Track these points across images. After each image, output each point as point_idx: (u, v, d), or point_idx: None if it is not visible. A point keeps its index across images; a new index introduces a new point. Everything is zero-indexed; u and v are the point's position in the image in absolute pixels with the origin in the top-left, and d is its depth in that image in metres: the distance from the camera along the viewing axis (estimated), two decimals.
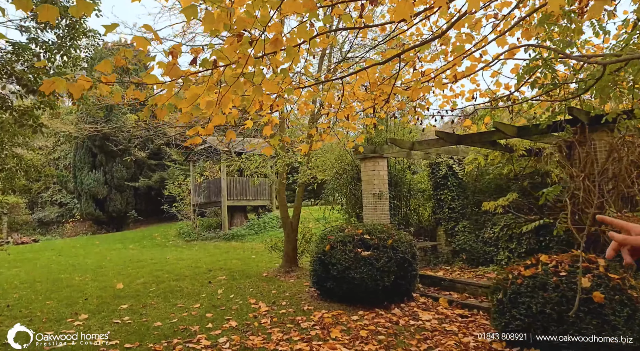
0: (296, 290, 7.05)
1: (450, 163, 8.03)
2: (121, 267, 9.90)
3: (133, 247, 14.52)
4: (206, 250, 12.52)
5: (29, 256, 12.92)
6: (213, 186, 15.72)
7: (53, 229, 23.54)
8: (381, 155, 7.31)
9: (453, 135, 5.85)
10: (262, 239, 13.66)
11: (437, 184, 8.23)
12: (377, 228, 6.34)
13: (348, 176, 8.18)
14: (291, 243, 8.43)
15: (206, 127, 3.80)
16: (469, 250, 7.43)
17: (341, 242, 6.15)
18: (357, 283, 5.78)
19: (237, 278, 8.07)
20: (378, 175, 7.34)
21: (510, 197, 6.57)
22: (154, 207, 21.87)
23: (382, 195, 7.31)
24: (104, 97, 8.45)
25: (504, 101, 5.78)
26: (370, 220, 7.31)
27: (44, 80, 2.58)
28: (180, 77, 3.04)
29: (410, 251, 6.07)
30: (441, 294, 6.19)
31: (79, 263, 10.97)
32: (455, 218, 8.00)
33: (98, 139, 21.37)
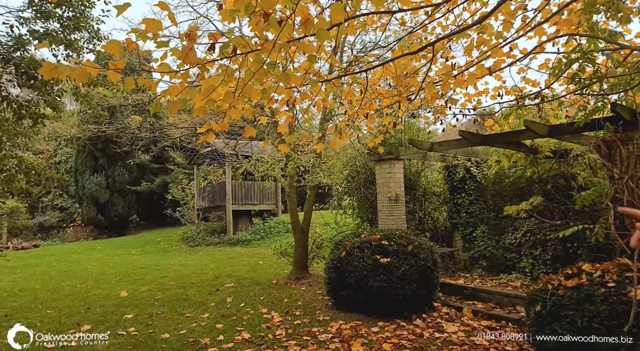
0: (309, 298, 6.71)
1: (467, 166, 7.71)
2: (124, 274, 9.56)
3: (135, 252, 14.19)
4: (211, 256, 12.18)
5: (29, 262, 12.58)
6: (217, 190, 15.41)
7: (54, 234, 23.22)
8: (397, 156, 6.99)
9: (478, 135, 5.53)
10: (268, 244, 13.33)
11: (453, 187, 7.91)
12: (396, 234, 6.02)
13: (360, 179, 7.86)
14: (301, 249, 8.09)
15: (220, 122, 3.50)
16: (489, 257, 7.09)
17: (358, 248, 5.82)
18: (376, 292, 5.45)
19: (246, 285, 7.73)
20: (394, 177, 7.02)
21: (534, 201, 6.24)
22: (156, 212, 21.52)
23: (398, 199, 6.99)
24: (108, 96, 8.17)
25: (531, 99, 5.48)
26: (385, 225, 6.98)
27: (44, 63, 2.27)
28: (197, 65, 2.75)
29: (431, 258, 5.73)
30: (464, 304, 5.85)
31: (80, 269, 10.64)
32: (473, 223, 7.66)
33: (100, 142, 21.10)
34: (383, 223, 7.05)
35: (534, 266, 6.40)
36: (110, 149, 21.28)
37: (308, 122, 7.33)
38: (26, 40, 4.20)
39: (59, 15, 4.53)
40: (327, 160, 8.28)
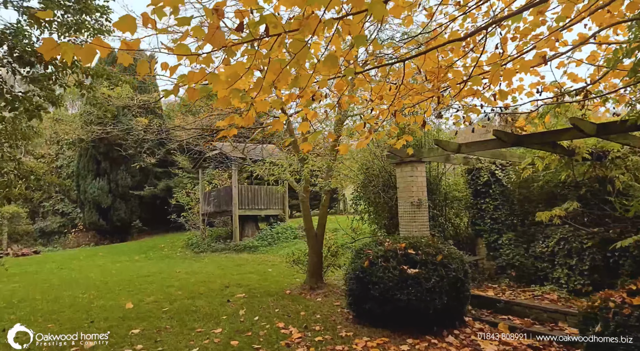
0: (327, 311, 6.27)
1: (492, 169, 7.29)
2: (128, 282, 9.13)
3: (139, 258, 13.76)
4: (217, 263, 11.74)
5: (29, 269, 12.17)
6: (223, 194, 15.00)
7: (55, 240, 22.81)
8: (420, 159, 6.58)
9: (512, 135, 5.11)
10: (276, 251, 12.89)
11: (477, 192, 7.48)
12: (422, 242, 5.59)
13: (379, 183, 7.44)
14: (316, 257, 7.66)
15: (245, 115, 3.09)
16: (518, 266, 6.65)
17: (382, 258, 5.39)
18: (404, 305, 5.01)
19: (258, 296, 7.29)
20: (416, 181, 6.60)
21: (569, 206, 5.80)
22: (160, 217, 21.11)
23: (421, 204, 6.56)
24: (113, 97, 7.78)
25: (571, 95, 5.07)
26: (407, 232, 6.55)
27: (45, 40, 1.86)
28: (222, 48, 2.34)
29: (462, 268, 5.30)
30: (498, 318, 5.40)
31: (82, 277, 10.21)
32: (498, 229, 7.23)
33: (103, 146, 20.74)
34: (405, 230, 6.62)
35: (570, 278, 5.96)
36: (113, 153, 20.92)
37: (328, 119, 6.89)
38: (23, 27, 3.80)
39: (65, 4, 4.13)
40: (342, 162, 7.86)
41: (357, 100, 4.14)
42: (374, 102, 4.24)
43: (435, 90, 4.09)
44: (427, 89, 4.17)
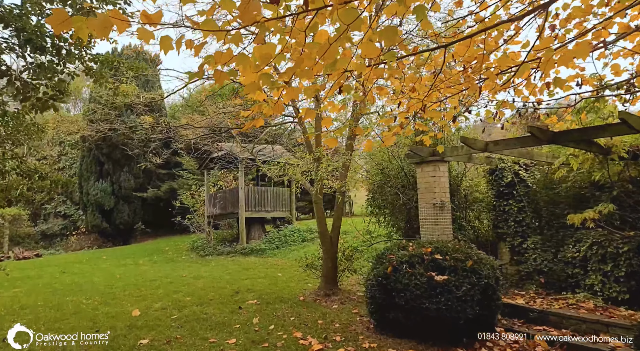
0: (346, 319, 5.93)
1: (515, 170, 6.95)
2: (134, 287, 8.80)
3: (143, 262, 13.43)
4: (224, 267, 11.40)
5: (31, 273, 11.84)
6: (229, 196, 14.67)
7: (57, 242, 22.51)
8: (442, 158, 6.24)
9: (547, 132, 4.78)
10: (284, 254, 12.55)
11: (500, 193, 7.13)
12: (449, 247, 5.25)
13: (397, 183, 7.10)
14: (330, 262, 7.32)
15: (273, 103, 2.76)
16: (547, 272, 6.30)
17: (407, 263, 5.06)
18: (433, 315, 4.66)
19: (271, 302, 6.95)
20: (439, 182, 6.27)
21: (603, 209, 5.45)
22: (163, 219, 20.78)
23: (444, 206, 6.23)
24: (119, 94, 7.46)
25: (612, 89, 4.73)
26: (430, 236, 6.21)
27: (54, 11, 1.54)
28: (254, 24, 2.03)
29: (493, 275, 4.96)
30: (531, 329, 5.05)
31: (85, 282, 9.88)
32: (522, 233, 6.88)
33: (106, 147, 20.46)
34: (427, 234, 6.28)
35: (604, 285, 5.61)
36: (116, 154, 20.62)
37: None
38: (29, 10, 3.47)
39: None
40: (357, 163, 7.53)
41: (387, 92, 3.80)
42: (405, 95, 3.91)
43: (470, 81, 3.76)
44: (460, 81, 3.84)
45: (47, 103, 3.79)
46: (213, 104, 9.52)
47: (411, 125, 4.71)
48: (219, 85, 10.55)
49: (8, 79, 3.56)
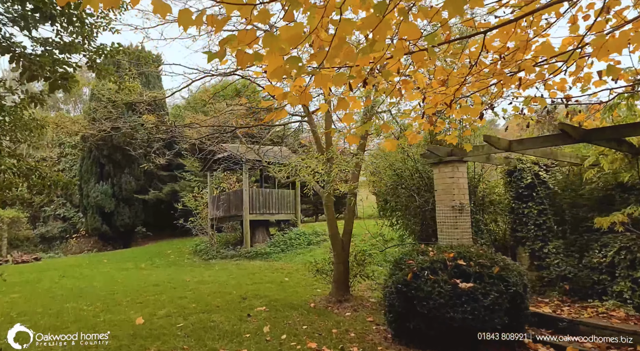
0: (361, 328, 5.63)
1: (535, 170, 6.66)
2: (136, 293, 8.50)
3: (145, 266, 13.12)
4: (229, 271, 11.10)
5: (30, 277, 11.54)
6: (233, 198, 14.37)
7: (56, 245, 22.18)
8: (461, 158, 5.96)
9: (579, 130, 4.50)
10: (290, 258, 12.25)
11: (519, 195, 6.85)
12: (472, 252, 4.97)
13: (413, 184, 6.82)
14: (342, 266, 7.03)
15: (301, 93, 2.49)
16: (572, 278, 6.01)
17: (429, 269, 4.77)
18: (458, 325, 4.37)
19: (280, 309, 6.66)
20: (457, 183, 5.99)
21: (633, 211, 5.17)
22: (164, 222, 20.46)
23: (463, 209, 5.94)
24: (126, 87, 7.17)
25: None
26: (448, 240, 5.92)
27: None
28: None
29: (521, 282, 4.67)
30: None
31: (86, 287, 9.58)
32: (543, 237, 6.59)
33: (106, 149, 20.17)
34: (445, 237, 5.99)
35: (634, 292, 5.32)
36: (116, 156, 20.32)
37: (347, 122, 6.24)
38: None
39: None
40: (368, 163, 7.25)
41: (412, 86, 3.52)
42: (432, 88, 3.62)
43: (501, 74, 3.49)
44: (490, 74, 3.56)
45: (57, 83, 3.44)
46: (219, 103, 9.25)
47: (439, 122, 4.41)
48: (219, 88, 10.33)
49: (11, 56, 3.23)
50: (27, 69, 3.17)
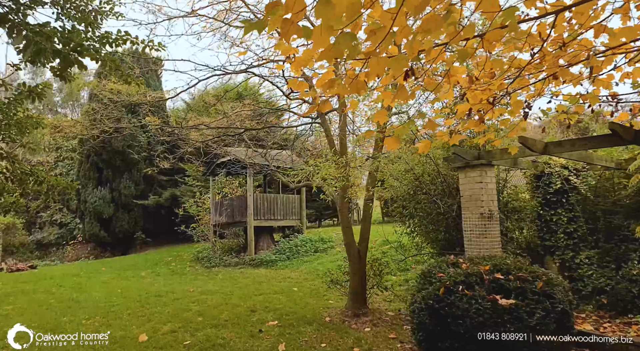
0: (385, 346, 5.20)
1: (565, 175, 6.27)
2: (137, 304, 8.03)
3: (145, 274, 12.64)
4: (234, 280, 10.64)
5: (25, 287, 11.03)
6: (237, 204, 13.93)
7: (52, 252, 21.64)
8: (489, 162, 5.57)
9: (630, 130, 4.11)
10: (296, 266, 11.79)
11: (547, 201, 6.45)
12: (510, 264, 4.55)
13: (430, 190, 6.40)
14: (358, 277, 6.60)
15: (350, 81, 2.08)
16: (610, 292, 5.59)
17: (463, 284, 4.35)
18: (500, 347, 3.95)
19: (294, 324, 6.21)
20: (486, 188, 5.59)
21: None
22: (164, 228, 19.99)
23: (492, 216, 5.54)
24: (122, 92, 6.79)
25: None
26: (477, 250, 5.51)
27: None
28: None
29: (566, 299, 4.25)
30: None
31: (84, 298, 9.10)
32: (573, 246, 6.19)
33: (105, 153, 19.72)
34: (473, 247, 5.58)
35: None
36: (115, 160, 19.86)
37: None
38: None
39: None
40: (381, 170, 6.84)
41: (456, 80, 3.12)
42: (476, 83, 3.22)
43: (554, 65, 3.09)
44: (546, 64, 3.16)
45: (70, 59, 2.93)
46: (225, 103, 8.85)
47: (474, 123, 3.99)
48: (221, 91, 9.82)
49: (9, 27, 2.74)
50: (32, 41, 2.68)
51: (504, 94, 3.28)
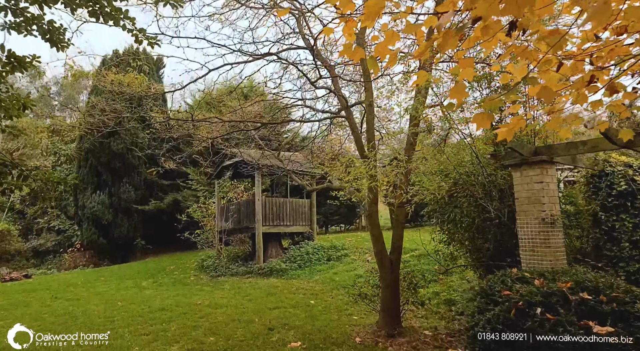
0: None
1: (629, 174, 5.51)
2: (140, 320, 7.23)
3: (147, 284, 11.81)
4: (243, 291, 9.82)
5: (18, 299, 10.22)
6: (244, 209, 13.14)
7: (49, 260, 20.78)
8: (551, 158, 4.80)
9: None
10: (309, 276, 10.98)
11: (607, 205, 5.67)
12: (594, 280, 3.77)
13: (473, 192, 5.62)
14: (391, 291, 5.81)
15: None
16: None
17: (542, 305, 3.56)
18: None
19: (320, 345, 5.41)
20: (547, 189, 4.82)
21: None
22: (166, 234, 19.15)
23: (555, 222, 4.77)
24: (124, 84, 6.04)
25: None
26: (537, 261, 4.74)
27: None
28: None
29: None
30: None
31: (81, 312, 8.28)
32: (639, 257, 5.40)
33: (104, 156, 18.96)
34: (531, 259, 4.80)
35: None
36: (115, 163, 19.08)
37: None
38: None
39: None
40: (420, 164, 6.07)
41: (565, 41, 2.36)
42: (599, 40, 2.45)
43: None
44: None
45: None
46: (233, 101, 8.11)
47: None
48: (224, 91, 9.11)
49: None
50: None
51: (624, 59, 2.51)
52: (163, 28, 5.52)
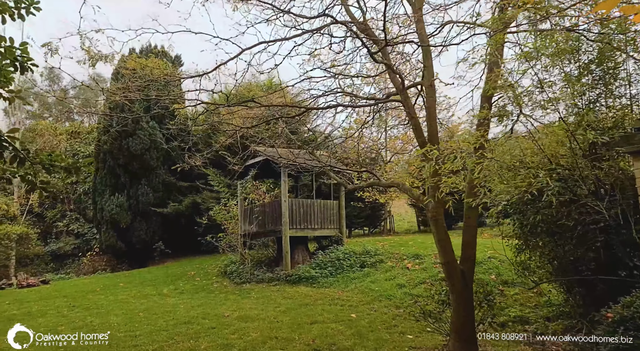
0: None
1: None
2: (165, 336, 6.43)
3: (168, 291, 11.07)
4: (272, 301, 8.97)
5: (33, 308, 9.57)
6: (269, 211, 12.32)
7: (68, 263, 20.34)
8: None
9: None
10: (343, 284, 10.06)
11: None
12: None
13: (574, 189, 4.64)
14: (463, 308, 4.87)
15: None
16: None
17: None
18: None
19: None
20: None
21: None
22: (185, 238, 18.51)
23: None
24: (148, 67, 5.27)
25: None
26: None
27: None
28: None
29: None
30: None
31: (100, 324, 7.53)
32: None
33: (122, 157, 18.44)
34: None
35: None
36: (133, 165, 18.52)
37: None
38: None
39: None
40: None
41: None
42: None
43: None
44: None
45: None
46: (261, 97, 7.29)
47: None
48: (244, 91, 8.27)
49: None
50: None
51: None
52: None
